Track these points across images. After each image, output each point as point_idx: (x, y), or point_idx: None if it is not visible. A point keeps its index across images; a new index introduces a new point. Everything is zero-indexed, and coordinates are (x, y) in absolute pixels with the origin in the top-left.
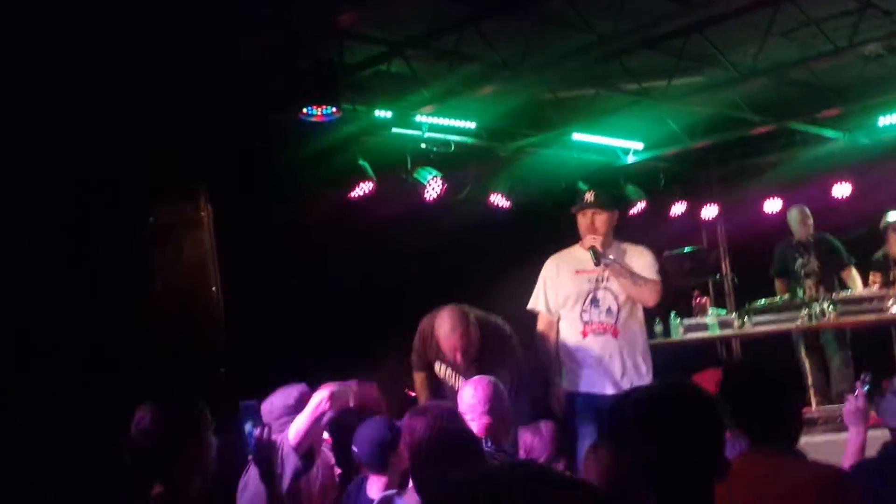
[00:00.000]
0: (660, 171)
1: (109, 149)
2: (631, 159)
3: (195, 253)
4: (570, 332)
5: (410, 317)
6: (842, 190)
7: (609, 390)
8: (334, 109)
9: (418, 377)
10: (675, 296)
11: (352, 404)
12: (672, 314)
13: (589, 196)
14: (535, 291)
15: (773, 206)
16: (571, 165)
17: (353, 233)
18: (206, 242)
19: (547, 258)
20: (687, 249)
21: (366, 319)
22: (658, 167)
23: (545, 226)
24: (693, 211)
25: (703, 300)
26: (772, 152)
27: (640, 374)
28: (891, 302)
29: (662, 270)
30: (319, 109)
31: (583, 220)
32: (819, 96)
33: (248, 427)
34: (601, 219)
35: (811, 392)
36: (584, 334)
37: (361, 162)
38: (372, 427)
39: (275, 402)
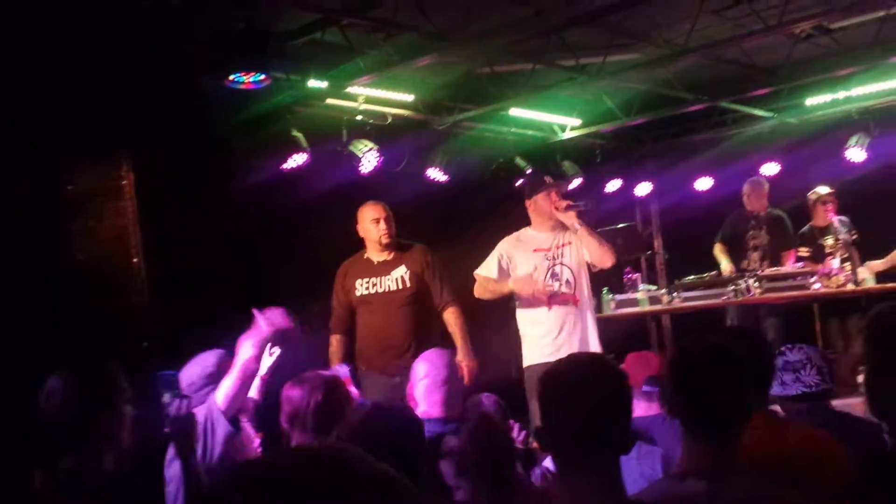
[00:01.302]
0: (596, 148)
1: (22, 111)
2: (568, 135)
3: (116, 222)
4: (533, 306)
5: None
6: (770, 169)
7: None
8: (263, 77)
9: (334, 340)
10: (607, 271)
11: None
12: (604, 290)
13: (549, 178)
14: (488, 261)
15: (703, 184)
16: (509, 141)
17: (285, 204)
18: (128, 211)
19: (482, 233)
20: (619, 226)
21: (297, 293)
22: (594, 144)
23: (482, 200)
24: (627, 188)
25: (635, 276)
26: (704, 131)
27: (596, 340)
28: (813, 279)
29: None
30: (248, 76)
31: (546, 201)
32: (750, 76)
33: (166, 398)
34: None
35: None
36: (550, 307)
37: (295, 133)
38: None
39: (193, 373)
